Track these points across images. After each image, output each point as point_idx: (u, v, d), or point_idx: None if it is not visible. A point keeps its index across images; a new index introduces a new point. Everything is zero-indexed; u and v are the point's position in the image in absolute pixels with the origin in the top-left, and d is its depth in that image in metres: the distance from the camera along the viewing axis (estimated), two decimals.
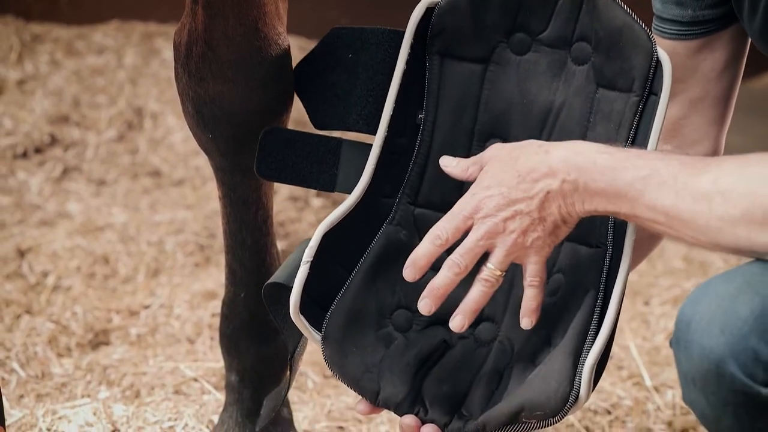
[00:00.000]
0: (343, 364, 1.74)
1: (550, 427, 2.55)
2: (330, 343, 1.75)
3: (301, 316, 1.75)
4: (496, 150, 1.71)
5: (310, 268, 1.74)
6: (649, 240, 1.93)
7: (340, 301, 1.77)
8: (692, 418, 2.62)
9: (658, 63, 1.76)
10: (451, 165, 1.77)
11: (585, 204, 1.64)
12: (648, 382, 2.77)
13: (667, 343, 3.07)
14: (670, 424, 2.61)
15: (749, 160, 1.59)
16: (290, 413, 2.27)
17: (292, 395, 2.65)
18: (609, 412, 2.63)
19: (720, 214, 1.56)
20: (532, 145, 1.68)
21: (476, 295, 1.68)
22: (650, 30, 1.80)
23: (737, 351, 1.55)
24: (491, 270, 1.67)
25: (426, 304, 1.68)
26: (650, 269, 3.69)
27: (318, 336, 1.76)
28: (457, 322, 1.68)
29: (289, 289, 1.75)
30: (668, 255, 3.80)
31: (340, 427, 2.52)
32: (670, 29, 1.90)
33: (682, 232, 1.61)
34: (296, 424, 2.32)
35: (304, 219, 3.68)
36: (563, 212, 1.65)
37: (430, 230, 1.68)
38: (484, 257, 1.68)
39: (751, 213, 1.56)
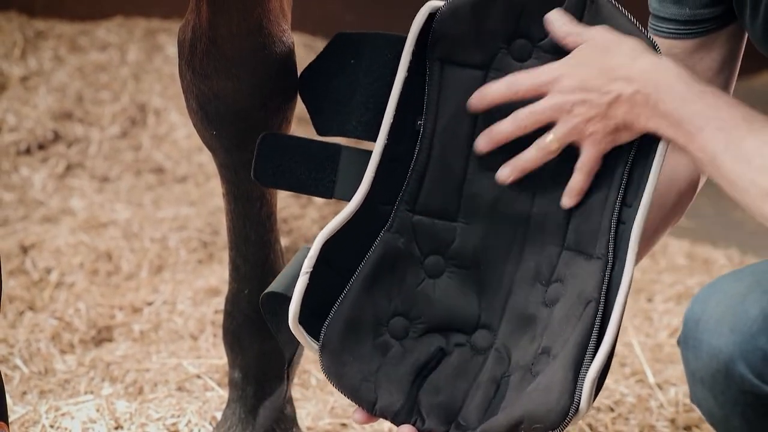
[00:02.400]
0: (341, 375, 1.73)
1: None
2: (328, 353, 1.74)
3: (300, 327, 1.74)
4: (597, 32, 1.73)
5: (309, 279, 1.74)
6: (652, 236, 1.93)
7: (338, 310, 1.76)
8: (695, 415, 2.62)
9: None
10: (557, 23, 1.76)
11: (649, 121, 1.66)
12: (651, 379, 2.77)
13: (670, 340, 3.07)
14: (673, 421, 2.61)
15: None
16: (293, 410, 2.27)
17: (296, 392, 2.65)
18: (612, 410, 2.63)
19: (753, 178, 1.58)
20: (627, 43, 1.70)
21: (529, 156, 1.74)
22: (647, 31, 1.79)
23: (746, 351, 1.54)
24: (550, 141, 1.72)
25: (482, 142, 1.76)
26: (653, 266, 3.69)
27: (316, 346, 1.74)
28: (505, 172, 1.75)
29: (286, 297, 1.74)
30: (671, 251, 3.80)
31: (343, 424, 2.52)
32: (668, 28, 1.89)
33: (720, 182, 1.62)
34: (299, 421, 2.32)
35: (308, 215, 3.68)
36: (628, 119, 1.68)
37: (512, 74, 1.74)
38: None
39: None
